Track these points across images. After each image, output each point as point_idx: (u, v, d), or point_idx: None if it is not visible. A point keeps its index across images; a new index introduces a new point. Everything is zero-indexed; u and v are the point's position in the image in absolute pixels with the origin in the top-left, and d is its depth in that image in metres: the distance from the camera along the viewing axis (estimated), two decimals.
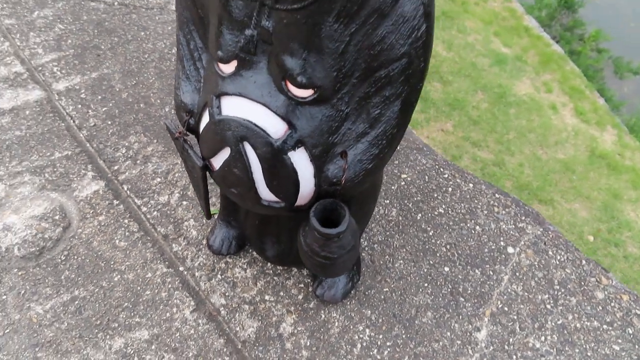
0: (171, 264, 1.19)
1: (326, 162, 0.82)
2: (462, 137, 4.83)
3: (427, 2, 0.70)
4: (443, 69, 5.72)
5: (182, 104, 0.90)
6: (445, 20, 6.36)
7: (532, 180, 4.54)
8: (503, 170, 4.59)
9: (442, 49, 6.00)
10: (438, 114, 5.13)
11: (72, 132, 1.44)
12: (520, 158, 4.78)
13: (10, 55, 1.63)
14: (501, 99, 5.52)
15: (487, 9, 7.00)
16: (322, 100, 0.76)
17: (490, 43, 6.25)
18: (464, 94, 5.29)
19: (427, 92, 5.37)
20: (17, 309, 1.10)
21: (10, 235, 1.21)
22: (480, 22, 6.50)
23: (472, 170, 4.52)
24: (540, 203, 4.36)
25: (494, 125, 5.13)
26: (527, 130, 4.99)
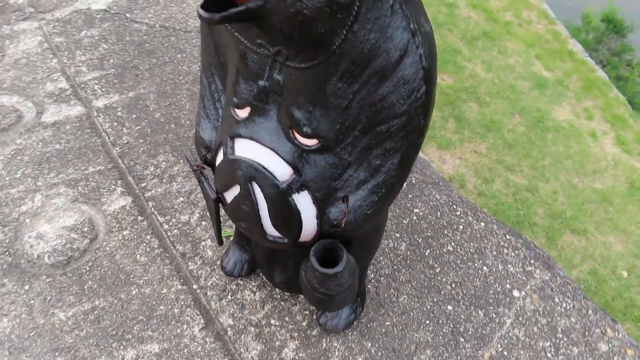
0: (186, 281, 1.26)
1: (328, 205, 0.87)
2: (496, 160, 4.78)
3: (428, 66, 0.75)
4: (481, 89, 5.67)
5: (201, 140, 0.97)
6: (486, 41, 6.32)
7: (566, 209, 4.44)
8: (536, 197, 4.51)
9: (482, 69, 5.96)
10: (472, 135, 5.10)
11: (106, 148, 1.54)
12: (555, 185, 4.69)
13: (57, 72, 1.76)
14: (539, 124, 5.42)
15: (531, 31, 6.90)
16: (326, 149, 0.82)
17: (531, 66, 6.17)
18: (500, 116, 5.23)
19: (462, 112, 5.35)
20: (42, 313, 1.19)
21: (42, 243, 1.31)
22: (522, 44, 6.42)
23: (504, 195, 4.47)
24: (573, 233, 4.27)
25: (530, 149, 5.05)
26: (564, 157, 4.89)
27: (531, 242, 1.44)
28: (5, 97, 1.67)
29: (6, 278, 1.25)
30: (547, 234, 4.16)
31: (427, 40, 0.74)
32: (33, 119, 1.61)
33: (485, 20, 6.79)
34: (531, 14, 7.07)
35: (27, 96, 1.68)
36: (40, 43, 1.86)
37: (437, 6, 6.48)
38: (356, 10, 0.67)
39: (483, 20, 6.75)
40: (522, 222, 4.26)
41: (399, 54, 0.72)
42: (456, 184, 4.61)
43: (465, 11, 6.69)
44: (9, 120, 1.59)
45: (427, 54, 0.74)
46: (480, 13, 6.78)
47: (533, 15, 7.04)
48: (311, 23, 0.66)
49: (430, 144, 4.89)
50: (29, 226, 1.35)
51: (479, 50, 6.19)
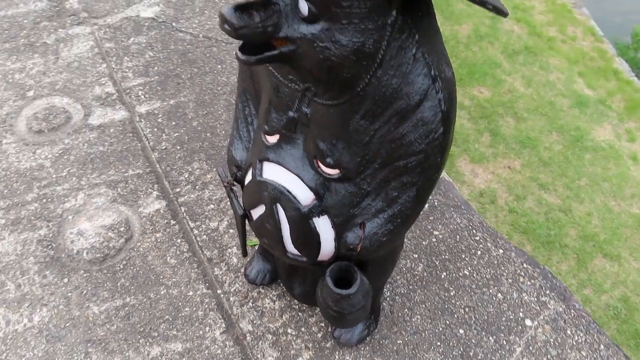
0: (211, 285, 1.34)
1: (346, 230, 0.92)
2: (530, 178, 4.71)
3: (446, 109, 0.80)
4: (519, 105, 5.59)
5: (233, 159, 1.04)
6: (527, 56, 6.22)
7: (599, 232, 4.34)
8: (569, 217, 4.43)
9: (521, 84, 5.88)
10: (507, 151, 5.04)
11: (145, 152, 1.64)
12: (590, 207, 4.58)
13: (105, 77, 1.87)
14: (577, 143, 5.30)
15: (575, 48, 6.73)
16: (347, 179, 0.87)
17: (573, 83, 6.03)
18: (537, 133, 5.15)
19: (498, 127, 5.29)
20: (78, 306, 1.29)
21: (82, 239, 1.41)
22: (565, 61, 6.28)
23: (536, 213, 4.40)
24: (605, 257, 4.17)
25: (566, 169, 4.95)
26: (602, 179, 4.78)
27: (549, 272, 1.46)
28: (57, 98, 1.79)
29: (48, 270, 1.35)
30: (578, 256, 4.08)
31: (447, 86, 0.79)
32: (80, 121, 1.72)
33: (528, 34, 6.68)
34: (577, 30, 6.91)
35: (76, 98, 1.79)
36: (91, 48, 1.98)
37: (480, 18, 6.42)
38: (380, 58, 0.72)
39: (526, 35, 6.64)
40: (552, 242, 4.20)
41: (419, 98, 0.77)
42: (487, 199, 4.58)
43: (509, 24, 6.60)
44: (59, 121, 1.71)
45: (446, 99, 0.79)
46: (523, 27, 6.67)
47: (579, 31, 6.87)
48: (338, 68, 0.72)
49: (463, 156, 4.86)
50: (71, 222, 1.45)
51: (519, 65, 6.10)
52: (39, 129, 1.68)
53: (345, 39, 0.69)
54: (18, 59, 1.93)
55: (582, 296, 3.95)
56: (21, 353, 1.21)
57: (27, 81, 1.84)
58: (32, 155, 1.61)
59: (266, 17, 0.67)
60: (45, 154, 1.62)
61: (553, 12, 7.06)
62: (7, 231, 1.43)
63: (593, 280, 3.95)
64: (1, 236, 1.42)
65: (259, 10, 0.67)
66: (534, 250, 4.13)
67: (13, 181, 1.55)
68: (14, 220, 1.45)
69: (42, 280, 1.33)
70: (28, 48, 1.97)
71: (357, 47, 0.69)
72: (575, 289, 4.03)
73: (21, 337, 1.23)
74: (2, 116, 1.73)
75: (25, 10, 2.15)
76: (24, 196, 1.51)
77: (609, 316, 3.91)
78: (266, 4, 0.67)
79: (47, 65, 1.90)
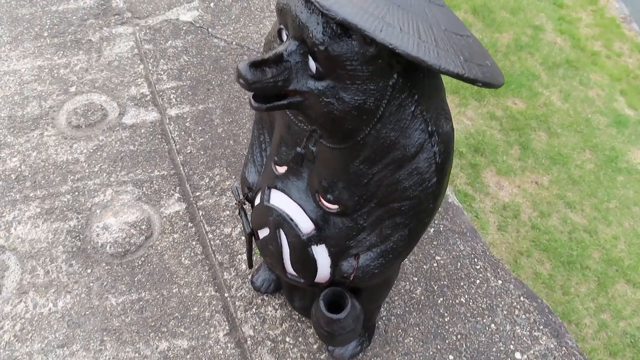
0: (219, 288, 1.44)
1: (341, 259, 1.00)
2: (557, 195, 4.66)
3: (441, 162, 0.86)
4: (553, 119, 5.51)
5: (245, 180, 1.13)
6: (568, 69, 6.11)
7: (624, 257, 4.28)
8: (594, 239, 4.37)
9: (558, 98, 5.78)
10: (536, 165, 4.99)
11: (172, 155, 1.74)
12: (617, 231, 4.51)
13: (142, 77, 1.98)
14: (610, 163, 5.21)
15: (619, 64, 6.56)
16: (345, 214, 0.94)
17: (613, 101, 5.90)
18: (569, 150, 5.07)
19: (529, 140, 5.24)
20: (98, 296, 1.40)
21: (107, 234, 1.52)
22: (607, 77, 6.14)
23: (560, 232, 4.36)
24: (628, 283, 4.11)
25: (596, 189, 4.87)
26: (633, 203, 4.69)
27: (546, 306, 1.50)
28: (96, 95, 1.91)
29: (74, 260, 1.47)
30: (599, 279, 4.03)
31: (443, 140, 0.85)
32: (115, 119, 1.84)
33: (571, 47, 6.54)
34: (623, 46, 6.72)
35: (113, 97, 1.91)
36: (131, 48, 2.10)
37: (522, 27, 6.33)
38: (380, 114, 0.79)
39: (568, 48, 6.51)
40: (573, 262, 4.16)
41: (414, 150, 0.83)
42: (510, 212, 4.56)
43: (551, 36, 6.48)
44: (96, 117, 1.83)
45: (441, 152, 0.85)
46: (566, 39, 6.54)
47: (625, 47, 6.69)
48: (340, 121, 0.79)
49: (490, 168, 4.85)
50: (98, 216, 1.57)
51: (558, 79, 5.99)
52: (77, 124, 1.81)
53: (348, 97, 0.75)
54: (64, 55, 2.06)
55: (599, 320, 3.91)
56: (44, 334, 1.33)
57: (71, 77, 1.97)
58: (69, 149, 1.74)
59: (278, 72, 0.74)
60: (81, 149, 1.74)
61: (600, 26, 6.88)
62: (42, 219, 1.56)
63: (612, 306, 3.91)
64: (36, 224, 1.55)
65: (271, 66, 0.74)
66: (554, 269, 4.10)
67: (50, 172, 1.67)
68: (48, 210, 1.58)
69: (68, 269, 1.45)
70: (74, 44, 2.10)
71: (358, 104, 0.76)
72: (593, 312, 3.99)
73: (46, 320, 1.35)
74: (45, 109, 1.86)
75: (75, 7, 2.28)
76: (59, 187, 1.64)
77: (625, 344, 3.85)
78: (279, 61, 0.74)
79: (90, 63, 2.03)
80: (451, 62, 0.64)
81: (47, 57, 2.05)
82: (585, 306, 3.78)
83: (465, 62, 0.66)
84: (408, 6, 0.67)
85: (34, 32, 2.15)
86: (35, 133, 1.78)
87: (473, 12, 5.10)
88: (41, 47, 2.08)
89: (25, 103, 1.88)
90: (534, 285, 3.33)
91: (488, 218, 3.71)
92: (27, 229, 1.53)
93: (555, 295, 3.29)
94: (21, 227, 1.54)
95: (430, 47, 0.63)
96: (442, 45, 0.65)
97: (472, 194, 3.30)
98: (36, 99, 1.89)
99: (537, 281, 3.39)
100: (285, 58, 0.74)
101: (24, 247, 1.49)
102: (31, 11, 2.25)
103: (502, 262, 1.57)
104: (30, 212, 1.57)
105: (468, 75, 0.65)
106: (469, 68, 0.66)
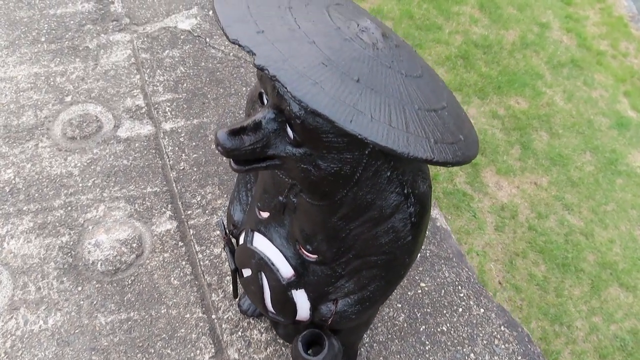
0: (207, 310, 1.47)
1: (320, 303, 1.02)
2: (555, 196, 4.68)
3: (417, 221, 0.88)
4: (555, 120, 5.50)
5: (231, 217, 1.15)
6: (573, 69, 6.07)
7: (619, 260, 4.32)
8: (589, 242, 4.40)
9: (561, 98, 5.76)
10: (536, 166, 4.99)
11: (165, 171, 1.76)
12: (613, 234, 4.54)
13: (138, 89, 1.99)
14: (610, 166, 5.21)
15: (624, 65, 6.52)
16: (324, 263, 0.97)
17: (616, 103, 5.87)
18: (570, 151, 5.07)
19: (530, 140, 5.23)
20: (88, 315, 1.44)
21: (98, 251, 1.55)
22: (611, 78, 6.09)
23: (556, 233, 4.39)
24: (621, 287, 4.15)
25: (594, 191, 4.88)
26: (630, 206, 4.70)
27: (525, 335, 1.53)
28: (91, 106, 1.93)
29: (65, 277, 1.51)
30: (593, 282, 4.07)
31: (419, 200, 0.87)
32: (110, 131, 1.86)
33: (577, 46, 6.48)
34: (630, 45, 6.66)
35: (109, 108, 1.93)
36: (128, 57, 2.10)
37: (528, 24, 6.27)
38: (356, 179, 0.80)
39: (574, 47, 6.45)
40: (568, 265, 4.20)
41: (390, 211, 0.85)
42: (507, 213, 4.58)
43: (558, 34, 6.43)
44: (91, 129, 1.85)
45: (417, 212, 0.87)
46: (573, 38, 6.48)
47: (632, 47, 6.63)
48: (318, 184, 0.81)
49: (490, 167, 4.86)
50: (90, 233, 1.60)
51: (562, 78, 5.96)
52: (72, 136, 1.83)
53: (324, 165, 0.77)
54: (61, 62, 2.07)
55: (591, 323, 3.95)
56: (34, 352, 1.37)
57: (67, 86, 1.98)
58: (63, 162, 1.76)
59: (256, 140, 0.76)
60: (75, 162, 1.76)
61: (607, 25, 6.80)
62: (34, 234, 1.59)
63: (604, 309, 3.95)
64: (29, 239, 1.58)
65: (249, 133, 0.76)
66: (548, 271, 4.14)
67: (44, 186, 1.70)
68: (41, 225, 1.61)
69: (59, 286, 1.49)
70: (71, 51, 2.11)
71: (335, 171, 0.78)
72: (585, 315, 4.04)
73: (36, 337, 1.39)
74: (41, 119, 1.88)
75: (73, 11, 2.28)
76: (52, 202, 1.66)
77: (615, 347, 3.90)
78: (257, 128, 0.76)
79: (87, 71, 2.04)
80: (420, 147, 0.65)
81: (44, 64, 2.06)
82: (577, 309, 3.83)
83: (436, 145, 0.68)
84: (382, 88, 0.68)
85: (31, 37, 2.16)
86: (30, 144, 1.80)
87: (480, 7, 5.05)
88: (38, 53, 2.09)
89: (21, 112, 1.89)
90: (528, 287, 3.36)
91: (486, 218, 3.73)
92: (19, 244, 1.56)
93: (549, 297, 3.33)
94: (14, 241, 1.57)
95: (400, 134, 0.64)
96: (412, 128, 0.67)
97: (470, 194, 3.32)
98: (32, 108, 1.91)
99: (531, 283, 3.42)
100: (264, 126, 0.76)
101: (16, 262, 1.53)
102: (29, 14, 2.26)
103: (485, 290, 1.60)
104: (23, 226, 1.60)
105: (437, 160, 0.66)
106: (439, 151, 0.67)
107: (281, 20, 0.70)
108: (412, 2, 4.83)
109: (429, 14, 4.67)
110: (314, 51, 0.66)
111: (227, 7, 0.69)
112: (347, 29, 0.73)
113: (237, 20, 0.67)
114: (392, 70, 0.72)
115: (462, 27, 4.77)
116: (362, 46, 0.71)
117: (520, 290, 3.44)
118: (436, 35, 4.53)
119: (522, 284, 3.35)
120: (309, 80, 0.62)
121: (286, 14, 0.71)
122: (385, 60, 0.72)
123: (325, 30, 0.71)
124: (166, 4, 2.34)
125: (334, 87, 0.64)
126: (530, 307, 3.35)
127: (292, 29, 0.69)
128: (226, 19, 0.67)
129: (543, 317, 3.20)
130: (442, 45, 4.40)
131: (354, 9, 0.83)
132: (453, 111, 0.79)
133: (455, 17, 4.78)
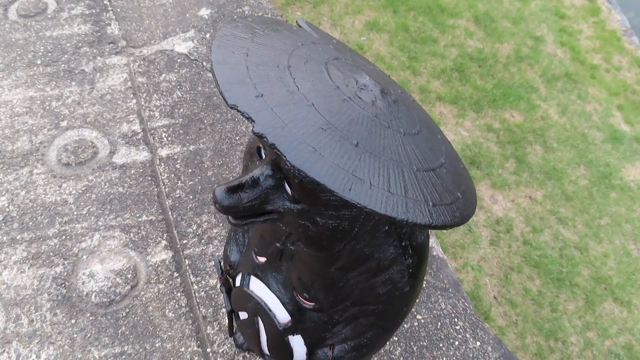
0: (202, 343, 1.46)
1: (317, 348, 1.02)
2: (550, 210, 4.69)
3: (414, 272, 0.87)
4: (550, 133, 5.53)
5: (228, 258, 1.14)
6: (567, 82, 6.12)
7: (613, 275, 4.33)
8: (584, 256, 4.42)
9: (555, 112, 5.80)
10: (531, 180, 5.02)
11: (161, 198, 1.75)
12: (608, 248, 4.56)
13: (134, 114, 1.99)
14: (604, 180, 5.24)
15: (618, 79, 6.58)
16: (321, 310, 0.96)
17: (610, 117, 5.92)
18: (564, 165, 5.10)
19: (525, 154, 5.26)
20: (81, 349, 1.42)
21: (92, 282, 1.54)
22: (605, 92, 6.15)
23: (551, 247, 4.40)
24: (616, 302, 4.17)
25: (588, 205, 4.91)
26: (624, 220, 4.73)
27: None
28: (87, 131, 1.92)
29: (59, 309, 1.49)
30: (587, 297, 4.09)
31: (417, 252, 0.87)
32: (106, 157, 1.85)
33: (571, 60, 6.54)
34: (623, 59, 6.74)
35: (105, 133, 1.92)
36: (124, 81, 2.10)
37: (522, 37, 6.33)
38: (354, 233, 0.80)
39: (568, 60, 6.51)
40: (562, 279, 4.21)
41: (388, 263, 0.85)
42: (502, 227, 4.59)
43: (552, 47, 6.49)
44: (86, 155, 1.84)
45: (415, 264, 0.87)
46: (566, 52, 6.54)
47: (625, 61, 6.70)
48: (315, 239, 0.81)
49: (485, 181, 4.87)
50: (84, 263, 1.58)
51: (557, 92, 6.01)
52: (67, 162, 1.82)
53: (322, 221, 0.77)
54: (57, 86, 2.06)
55: (585, 338, 3.96)
56: None
57: (63, 110, 1.97)
58: (57, 189, 1.75)
59: (254, 196, 0.76)
60: (70, 189, 1.75)
61: (601, 39, 6.87)
62: (28, 264, 1.57)
63: (599, 324, 3.96)
64: (22, 269, 1.56)
65: (247, 190, 0.75)
66: (543, 285, 4.15)
67: (38, 214, 1.69)
68: (34, 254, 1.59)
69: (52, 318, 1.47)
70: (67, 74, 2.10)
71: (333, 227, 0.78)
72: (580, 330, 4.05)
73: None
74: (36, 144, 1.87)
75: (69, 33, 2.28)
76: (46, 230, 1.65)
77: None
78: (255, 185, 0.76)
79: (83, 95, 2.03)
80: (419, 212, 0.65)
81: (40, 88, 2.05)
82: (572, 324, 3.83)
83: (434, 208, 0.68)
84: (381, 150, 0.68)
85: (27, 59, 2.15)
86: (24, 170, 1.79)
87: (475, 20, 5.09)
88: (34, 77, 2.09)
89: (15, 137, 1.88)
90: (523, 301, 3.37)
91: (481, 232, 3.73)
92: (12, 274, 1.55)
93: (544, 312, 3.33)
94: (7, 272, 1.55)
95: (399, 200, 0.64)
96: (411, 193, 0.66)
97: None
98: (27, 133, 1.90)
99: (526, 297, 3.43)
100: (262, 182, 0.76)
101: (9, 293, 1.51)
102: (25, 36, 2.25)
103: (481, 322, 1.60)
104: (16, 256, 1.59)
105: (436, 224, 0.66)
106: (437, 215, 0.67)
107: (280, 82, 0.70)
108: (407, 15, 4.86)
109: (425, 27, 4.70)
110: (313, 115, 0.66)
111: (226, 69, 0.69)
112: (345, 88, 0.73)
113: (236, 83, 0.67)
114: (390, 130, 0.72)
115: (457, 40, 4.79)
116: (360, 106, 0.71)
117: (515, 305, 3.44)
118: (432, 48, 4.56)
119: (517, 299, 3.35)
120: (308, 148, 0.62)
121: (285, 74, 0.71)
122: (383, 120, 0.72)
123: (324, 91, 0.71)
124: (163, 27, 2.34)
125: (333, 153, 0.64)
126: (525, 322, 3.35)
127: (291, 91, 0.69)
128: (225, 82, 0.67)
129: (538, 332, 3.20)
130: (437, 58, 4.42)
131: (352, 63, 0.83)
132: (451, 166, 0.79)
133: (451, 30, 4.80)
